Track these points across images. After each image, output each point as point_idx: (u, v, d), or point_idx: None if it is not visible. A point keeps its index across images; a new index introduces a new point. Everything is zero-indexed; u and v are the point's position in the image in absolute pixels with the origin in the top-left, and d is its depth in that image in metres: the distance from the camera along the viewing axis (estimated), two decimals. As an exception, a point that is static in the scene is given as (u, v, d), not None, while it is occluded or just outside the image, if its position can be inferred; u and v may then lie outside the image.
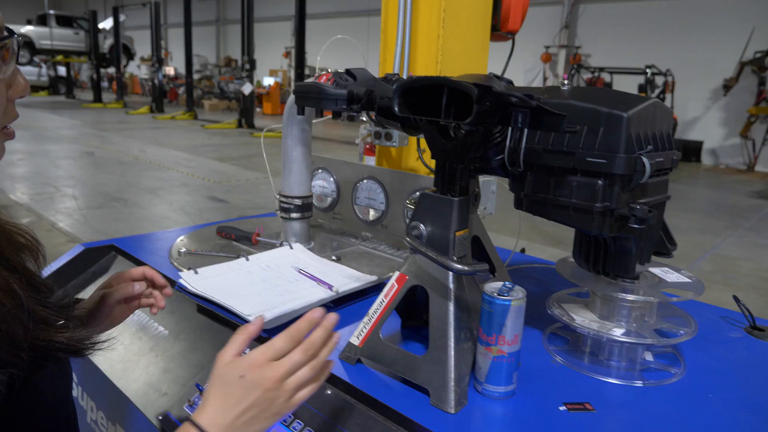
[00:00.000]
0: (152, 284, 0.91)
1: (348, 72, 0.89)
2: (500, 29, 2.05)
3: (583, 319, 0.91)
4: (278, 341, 0.63)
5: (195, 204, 6.72)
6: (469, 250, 0.88)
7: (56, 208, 6.05)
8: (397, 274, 0.88)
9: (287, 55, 20.23)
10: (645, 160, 0.77)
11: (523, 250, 1.72)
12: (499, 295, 0.77)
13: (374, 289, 1.18)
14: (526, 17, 2.05)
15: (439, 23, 1.88)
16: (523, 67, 12.15)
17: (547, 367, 0.91)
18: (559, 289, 1.05)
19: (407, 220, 1.43)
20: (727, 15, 10.15)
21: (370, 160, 2.26)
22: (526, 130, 0.84)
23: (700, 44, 10.50)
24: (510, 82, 1.04)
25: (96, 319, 0.92)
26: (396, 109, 0.80)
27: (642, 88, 10.18)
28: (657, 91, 10.33)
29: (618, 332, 0.87)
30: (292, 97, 1.33)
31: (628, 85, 10.77)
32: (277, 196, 1.42)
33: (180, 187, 7.67)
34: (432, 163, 2.00)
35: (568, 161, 0.80)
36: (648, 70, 10.33)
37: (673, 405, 0.81)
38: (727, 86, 9.83)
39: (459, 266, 0.76)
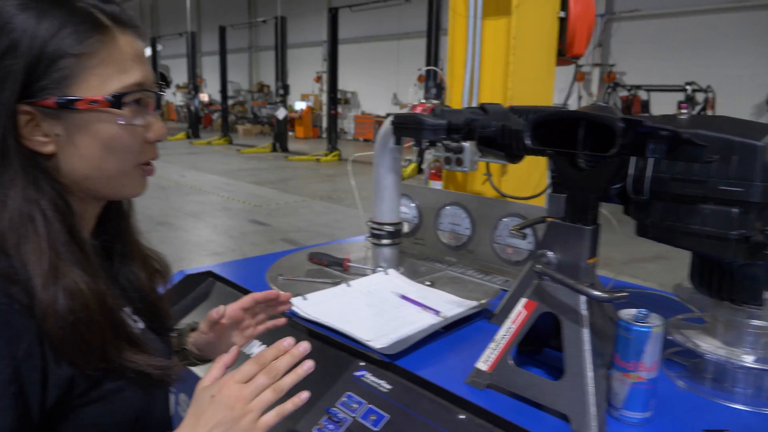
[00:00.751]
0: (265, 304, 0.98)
1: (481, 107, 0.93)
2: (565, 54, 2.08)
3: (709, 345, 0.91)
4: (246, 366, 0.71)
5: (238, 227, 6.84)
6: (596, 277, 0.89)
7: (107, 233, 6.22)
8: (524, 300, 0.90)
9: (318, 79, 20.60)
10: (780, 187, 0.78)
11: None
12: (636, 321, 0.79)
13: (477, 315, 1.20)
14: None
15: (508, 50, 1.92)
16: (557, 87, 12.12)
17: (673, 393, 0.91)
18: (662, 315, 1.06)
19: (495, 245, 1.46)
20: (768, 29, 10.01)
21: (436, 185, 2.29)
22: (651, 159, 0.86)
23: (741, 59, 10.34)
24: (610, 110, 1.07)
25: (205, 351, 0.99)
26: (528, 141, 0.84)
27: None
28: (698, 107, 10.19)
29: (749, 359, 0.87)
30: (384, 127, 1.38)
31: (666, 102, 10.65)
32: (369, 223, 1.46)
33: (221, 210, 7.83)
34: (501, 186, 2.03)
35: (699, 189, 0.82)
36: (688, 87, 10.21)
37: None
38: (772, 101, 9.66)
39: (599, 293, 0.78)
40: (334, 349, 1.09)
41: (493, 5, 1.94)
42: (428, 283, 1.34)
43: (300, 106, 19.94)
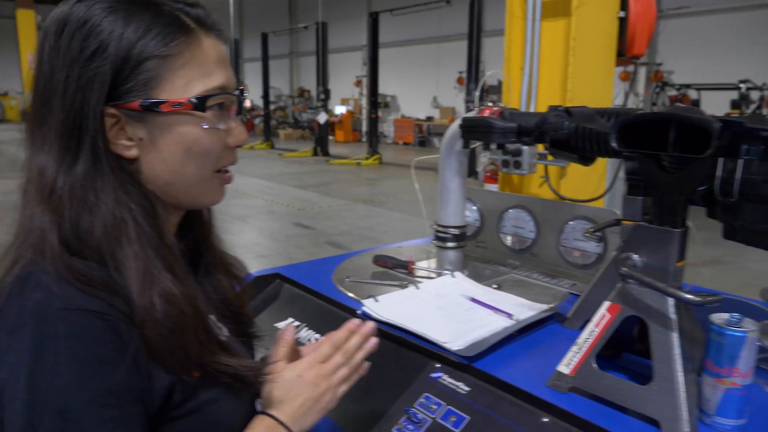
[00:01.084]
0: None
1: (566, 110, 0.93)
2: (625, 54, 2.05)
3: (802, 351, 0.89)
4: (324, 348, 0.80)
5: (282, 230, 6.95)
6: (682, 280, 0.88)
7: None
8: (607, 304, 0.89)
9: (358, 83, 20.75)
10: None
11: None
12: (729, 326, 0.77)
13: (549, 318, 1.19)
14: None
15: (567, 52, 1.90)
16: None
17: (765, 401, 0.89)
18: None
19: (561, 248, 1.44)
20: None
21: (492, 188, 2.28)
22: (741, 161, 0.84)
23: (797, 55, 9.94)
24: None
25: None
26: (614, 144, 0.83)
27: (735, 104, 9.72)
28: (753, 106, 9.83)
29: None
30: (451, 130, 1.39)
31: (718, 101, 10.30)
32: (433, 226, 1.47)
33: (266, 214, 7.96)
34: (559, 189, 2.01)
35: (794, 191, 0.80)
36: (742, 85, 9.85)
37: None
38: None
39: (692, 297, 0.77)
40: (407, 350, 1.10)
41: (551, 7, 1.92)
42: (495, 286, 1.34)
43: (340, 110, 20.13)
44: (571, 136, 1.12)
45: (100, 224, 0.64)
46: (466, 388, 0.96)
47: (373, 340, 0.82)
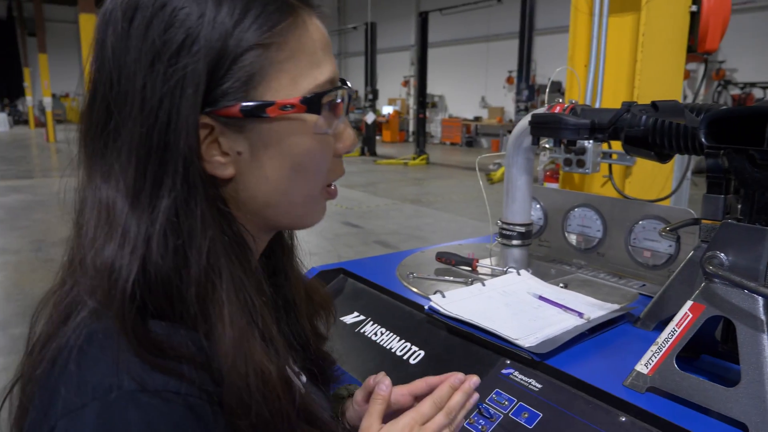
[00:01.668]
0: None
1: (653, 104, 0.91)
2: (696, 50, 1.98)
3: None
4: (425, 407, 0.68)
5: (331, 229, 7.03)
6: (772, 280, 0.85)
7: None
8: (690, 303, 0.87)
9: (406, 83, 20.78)
10: None
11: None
12: (826, 329, 0.74)
13: (620, 319, 1.17)
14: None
15: (636, 48, 1.85)
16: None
17: None
18: None
19: (630, 248, 1.41)
20: None
21: (552, 187, 2.25)
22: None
23: None
24: None
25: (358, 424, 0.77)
26: (703, 138, 0.81)
27: (804, 103, 9.23)
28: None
29: None
30: (518, 127, 1.38)
31: (783, 100, 9.81)
32: (498, 223, 1.46)
33: (316, 212, 8.08)
34: (624, 188, 1.96)
35: None
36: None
37: None
38: None
39: (786, 298, 0.74)
40: (476, 347, 1.10)
41: (619, 1, 1.88)
42: (562, 285, 1.33)
43: (387, 110, 20.22)
44: (649, 132, 1.09)
45: (193, 268, 0.49)
46: (538, 385, 0.96)
47: (475, 396, 0.73)
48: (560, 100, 1.30)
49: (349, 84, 0.61)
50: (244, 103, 0.51)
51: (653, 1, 1.82)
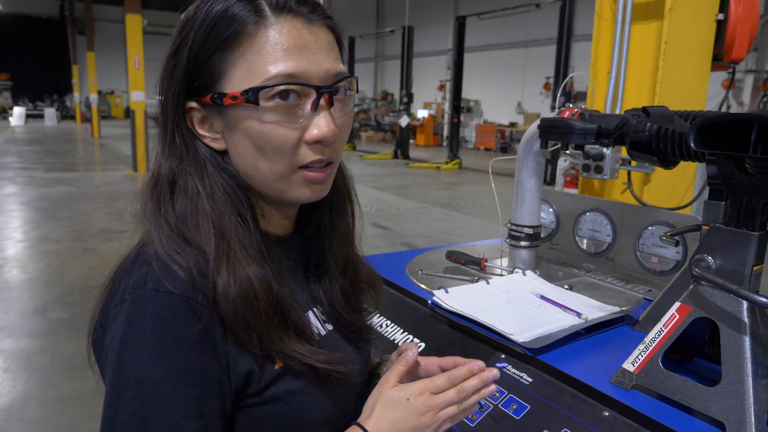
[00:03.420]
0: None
1: (644, 109, 0.94)
2: (722, 59, 1.97)
3: None
4: (440, 380, 0.74)
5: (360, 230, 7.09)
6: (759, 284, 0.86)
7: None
8: (677, 304, 0.89)
9: (441, 88, 20.77)
10: None
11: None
12: (807, 333, 0.76)
13: (619, 320, 1.19)
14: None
15: (658, 55, 1.86)
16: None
17: None
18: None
19: (638, 254, 1.42)
20: None
21: (573, 193, 2.25)
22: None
23: None
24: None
25: None
26: (692, 144, 0.83)
27: None
28: None
29: None
30: (530, 131, 1.41)
31: (832, 113, 9.43)
32: (507, 225, 1.49)
33: (346, 213, 8.16)
34: (643, 196, 1.96)
35: None
36: None
37: None
38: None
39: (766, 300, 0.76)
40: (474, 341, 1.14)
41: (643, 9, 1.89)
42: (567, 286, 1.35)
43: (422, 114, 20.24)
44: (653, 137, 1.11)
45: (190, 209, 0.67)
46: (529, 379, 0.99)
47: (492, 387, 0.76)
48: (570, 105, 1.33)
49: (342, 83, 0.70)
50: (213, 93, 0.67)
51: (677, 10, 1.82)
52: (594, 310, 1.18)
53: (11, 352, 3.52)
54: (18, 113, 24.68)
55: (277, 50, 0.64)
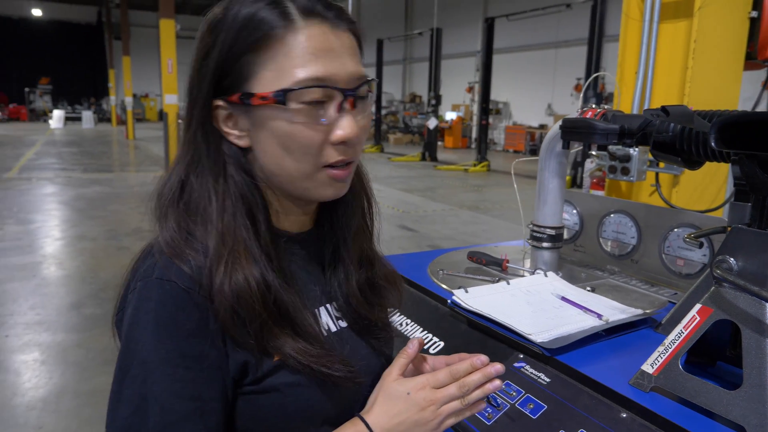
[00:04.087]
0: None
1: (663, 109, 0.93)
2: (756, 57, 1.92)
3: None
4: (441, 374, 0.74)
5: (387, 232, 7.11)
6: (784, 288, 0.84)
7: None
8: (698, 306, 0.88)
9: (470, 89, 20.66)
10: None
11: None
12: (832, 337, 0.74)
13: (641, 323, 1.17)
14: None
15: (687, 54, 1.82)
16: (741, 95, 10.91)
17: None
18: None
19: (664, 256, 1.40)
20: None
21: (598, 195, 2.23)
22: None
23: None
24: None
25: None
26: (713, 143, 0.82)
27: None
28: None
29: None
30: (552, 131, 1.40)
31: None
32: (530, 226, 1.49)
33: (373, 214, 8.19)
34: (672, 198, 1.92)
35: None
36: None
37: None
38: None
39: (788, 303, 0.75)
40: (493, 340, 1.14)
41: (671, 8, 1.86)
42: (589, 288, 1.34)
43: (450, 116, 20.17)
44: (677, 138, 1.10)
45: (201, 201, 0.70)
46: (547, 379, 0.99)
47: (496, 383, 0.74)
48: (593, 106, 1.32)
49: (363, 87, 0.72)
50: (241, 94, 0.68)
51: (707, 8, 1.78)
52: (615, 312, 1.17)
53: (48, 346, 3.64)
54: (57, 116, 25.48)
55: (306, 54, 0.67)
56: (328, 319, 0.79)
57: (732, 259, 0.84)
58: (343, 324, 0.81)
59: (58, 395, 3.06)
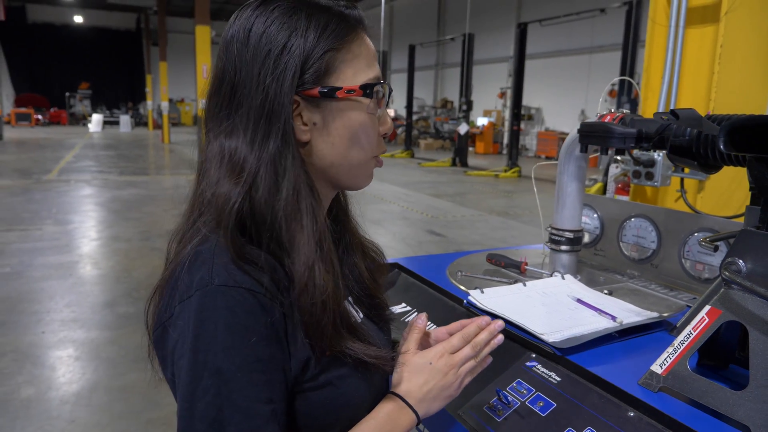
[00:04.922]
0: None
1: (672, 112, 0.94)
2: (785, 63, 1.89)
3: None
4: (455, 340, 0.83)
5: (415, 236, 7.13)
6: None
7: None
8: (707, 308, 0.88)
9: (502, 95, 20.54)
10: None
11: None
12: (839, 339, 0.74)
13: (656, 326, 1.18)
14: None
15: (714, 60, 1.81)
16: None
17: None
18: None
19: (683, 261, 1.40)
20: None
21: (618, 199, 2.22)
22: None
23: None
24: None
25: None
26: (722, 146, 0.83)
27: None
28: None
29: None
30: (571, 135, 1.42)
31: None
32: (548, 229, 1.50)
33: (400, 219, 8.22)
34: (697, 204, 1.90)
35: None
36: None
37: None
38: None
39: (794, 305, 0.75)
40: (507, 340, 1.15)
41: (698, 13, 1.85)
42: (606, 291, 1.34)
43: (482, 121, 20.08)
44: (693, 142, 1.10)
45: (284, 197, 0.70)
46: (558, 378, 1.00)
47: (500, 337, 0.85)
48: (612, 110, 1.33)
49: (389, 84, 0.83)
50: (321, 87, 0.73)
51: (734, 12, 1.77)
52: (630, 314, 1.18)
53: (82, 342, 3.78)
54: (96, 120, 26.27)
55: (370, 56, 0.77)
56: (352, 311, 0.84)
57: (741, 261, 0.85)
58: (361, 315, 0.86)
59: (90, 390, 3.17)
